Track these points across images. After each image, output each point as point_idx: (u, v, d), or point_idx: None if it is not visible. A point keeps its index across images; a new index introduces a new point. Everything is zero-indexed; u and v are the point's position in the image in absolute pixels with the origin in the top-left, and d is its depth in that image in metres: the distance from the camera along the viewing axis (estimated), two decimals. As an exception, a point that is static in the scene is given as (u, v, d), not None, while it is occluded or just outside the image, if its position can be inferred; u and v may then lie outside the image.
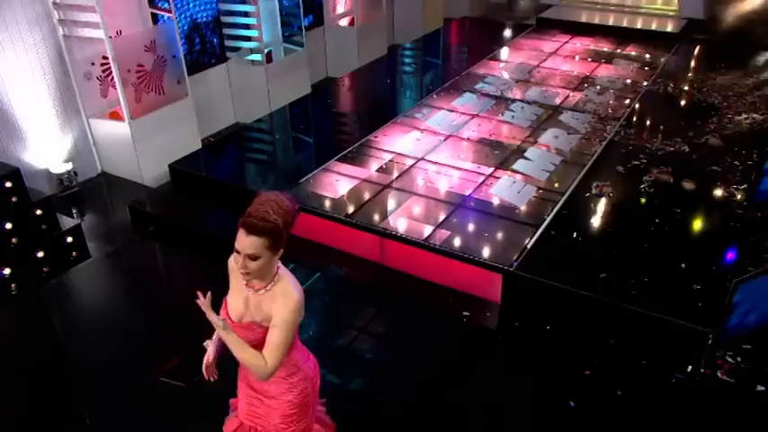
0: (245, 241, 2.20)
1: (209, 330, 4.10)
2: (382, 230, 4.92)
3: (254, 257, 2.22)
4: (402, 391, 3.82)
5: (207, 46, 7.36)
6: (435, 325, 4.45)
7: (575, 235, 4.88)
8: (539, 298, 4.38)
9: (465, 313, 4.47)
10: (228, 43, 7.64)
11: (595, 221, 5.11)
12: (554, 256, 4.61)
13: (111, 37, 5.78)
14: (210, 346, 2.64)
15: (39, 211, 5.27)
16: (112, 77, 6.16)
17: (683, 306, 4.05)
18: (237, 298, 2.44)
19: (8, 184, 5.21)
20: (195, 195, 5.92)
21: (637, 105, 7.31)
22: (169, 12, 6.35)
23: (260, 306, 2.37)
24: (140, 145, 6.29)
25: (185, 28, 7.01)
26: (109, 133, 6.33)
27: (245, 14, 7.45)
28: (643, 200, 5.35)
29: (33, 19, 5.63)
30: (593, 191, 5.46)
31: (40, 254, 5.16)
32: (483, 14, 11.98)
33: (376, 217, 5.11)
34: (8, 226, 5.09)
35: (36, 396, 3.88)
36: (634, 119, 6.97)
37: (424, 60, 9.51)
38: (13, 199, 5.23)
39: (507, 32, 10.57)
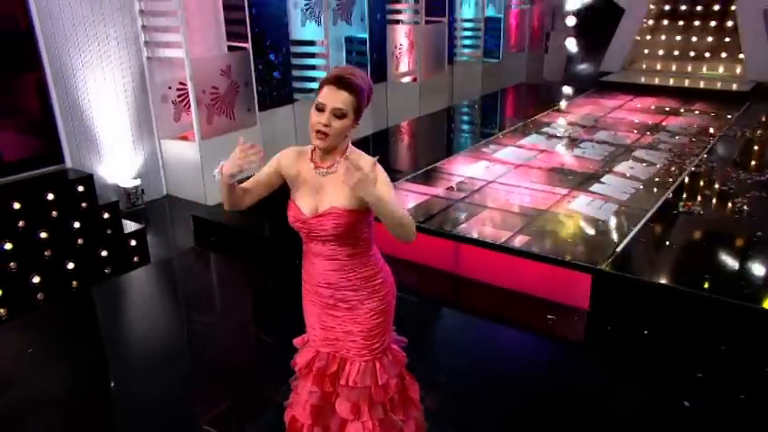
0: (334, 95, 2.08)
1: (258, 375, 3.64)
2: (458, 235, 4.64)
3: (340, 114, 2.08)
4: (502, 399, 3.36)
5: (276, 84, 7.57)
6: (522, 331, 4.06)
7: (667, 243, 4.49)
8: (634, 299, 3.95)
9: (550, 317, 4.06)
10: (296, 85, 7.85)
11: (689, 232, 4.72)
12: (647, 259, 4.22)
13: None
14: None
15: (106, 215, 5.25)
16: (186, 102, 6.32)
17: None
18: (307, 192, 2.23)
19: (80, 189, 5.26)
20: (260, 208, 5.79)
21: (715, 144, 7.01)
22: (246, 42, 6.59)
23: (339, 184, 2.14)
24: (207, 166, 6.30)
25: (259, 67, 7.23)
26: (178, 154, 6.41)
27: (314, 57, 7.69)
28: (739, 216, 4.94)
29: (123, 39, 5.90)
30: (681, 209, 5.09)
31: (104, 253, 5.07)
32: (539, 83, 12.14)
33: (449, 227, 4.85)
34: (76, 225, 5.06)
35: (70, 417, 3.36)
36: (715, 154, 6.65)
37: (486, 112, 9.56)
38: (83, 204, 5.24)
39: (567, 94, 10.59)
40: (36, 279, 4.65)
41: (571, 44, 12.93)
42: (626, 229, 4.64)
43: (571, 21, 12.77)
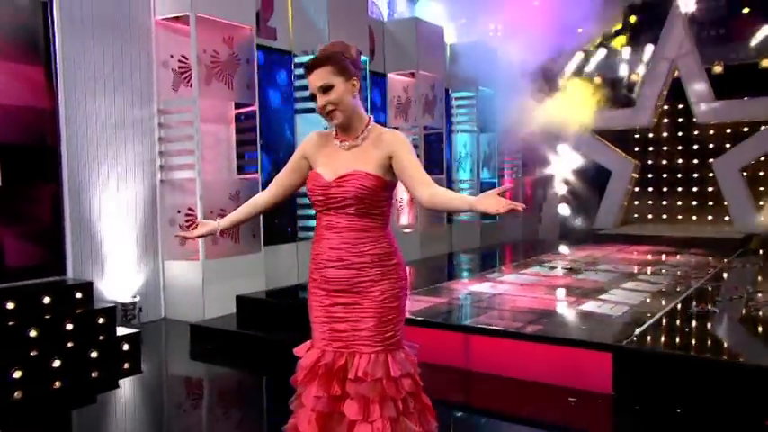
0: (311, 79, 2.20)
1: None
2: (469, 326, 4.45)
3: (326, 87, 2.17)
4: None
5: (280, 223, 7.80)
6: (541, 427, 3.72)
7: (686, 329, 4.29)
8: (660, 376, 3.66)
9: (572, 399, 3.73)
10: (301, 224, 8.07)
11: (708, 324, 4.52)
12: (670, 338, 4.00)
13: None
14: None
15: (101, 320, 5.08)
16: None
17: None
18: (330, 162, 2.25)
19: (78, 295, 5.17)
20: (259, 322, 5.59)
21: (719, 271, 7.02)
22: (255, 175, 6.95)
23: (364, 154, 2.21)
24: (209, 286, 6.25)
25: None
26: (180, 275, 6.37)
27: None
28: (757, 314, 4.78)
29: (140, 162, 6.24)
30: (695, 308, 4.94)
31: (93, 354, 4.79)
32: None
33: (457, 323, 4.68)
34: (69, 326, 4.87)
35: None
36: (720, 277, 6.63)
37: (486, 255, 9.69)
38: (79, 310, 5.10)
39: (564, 245, 10.82)
40: (17, 374, 4.34)
41: (564, 209, 13.54)
42: (642, 321, 4.46)
43: (562, 188, 13.53)
